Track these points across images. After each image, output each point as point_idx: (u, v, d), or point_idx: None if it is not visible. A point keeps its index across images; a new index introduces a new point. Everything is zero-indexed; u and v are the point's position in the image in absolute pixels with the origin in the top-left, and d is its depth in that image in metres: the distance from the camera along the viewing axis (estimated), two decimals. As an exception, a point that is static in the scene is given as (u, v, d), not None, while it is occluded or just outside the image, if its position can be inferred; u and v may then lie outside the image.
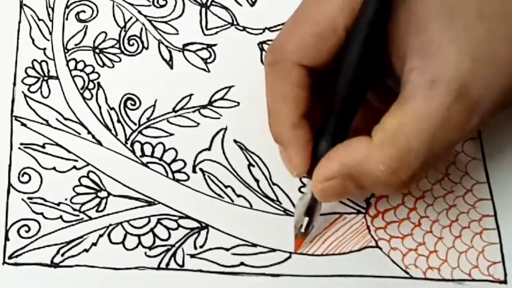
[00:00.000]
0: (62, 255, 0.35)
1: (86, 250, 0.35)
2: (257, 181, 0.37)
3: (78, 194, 0.36)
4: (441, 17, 0.29)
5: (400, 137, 0.29)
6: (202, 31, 0.41)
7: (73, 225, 0.35)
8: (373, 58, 0.31)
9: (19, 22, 0.40)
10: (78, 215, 0.36)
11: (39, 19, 0.41)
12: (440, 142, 0.29)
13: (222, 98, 0.39)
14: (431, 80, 0.28)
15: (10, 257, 0.34)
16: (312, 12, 0.31)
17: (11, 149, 0.37)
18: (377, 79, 0.33)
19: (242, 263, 0.35)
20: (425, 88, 0.28)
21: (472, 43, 0.28)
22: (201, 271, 0.34)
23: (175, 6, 0.41)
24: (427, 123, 0.28)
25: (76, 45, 0.40)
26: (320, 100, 0.33)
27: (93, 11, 0.41)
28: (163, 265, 0.35)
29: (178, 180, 0.37)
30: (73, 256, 0.35)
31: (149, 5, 0.41)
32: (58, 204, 0.36)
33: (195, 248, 0.35)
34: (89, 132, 0.38)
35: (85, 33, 0.40)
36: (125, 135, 0.38)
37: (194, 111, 0.38)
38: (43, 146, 0.37)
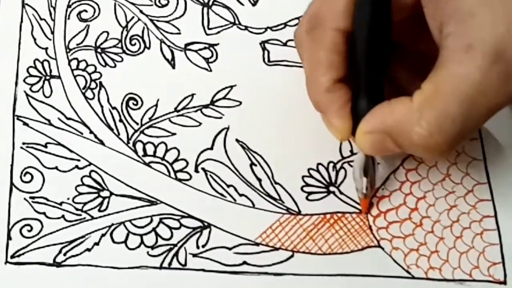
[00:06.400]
0: (65, 254, 0.35)
1: (89, 250, 0.35)
2: (259, 180, 0.37)
3: (80, 193, 0.36)
4: None
5: (436, 101, 0.29)
6: (204, 30, 0.41)
7: (75, 224, 0.35)
8: (385, 20, 0.31)
9: (21, 22, 0.40)
10: (80, 215, 0.36)
11: (41, 19, 0.41)
12: (478, 106, 0.28)
13: (224, 98, 0.39)
14: (467, 44, 0.28)
15: (12, 256, 0.35)
16: None
17: (13, 148, 0.37)
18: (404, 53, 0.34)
19: (244, 262, 0.35)
20: (461, 52, 0.28)
21: (506, 7, 0.28)
22: (203, 270, 0.35)
23: (177, 6, 0.41)
24: (463, 87, 0.28)
25: (78, 44, 0.40)
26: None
27: (95, 10, 0.41)
28: (165, 264, 0.35)
29: (180, 180, 0.37)
30: (75, 255, 0.35)
31: (151, 5, 0.41)
32: (60, 204, 0.36)
33: (198, 247, 0.35)
34: (91, 132, 0.38)
35: (87, 32, 0.40)
36: (127, 134, 0.38)
37: (196, 111, 0.38)
38: (45, 146, 0.37)
